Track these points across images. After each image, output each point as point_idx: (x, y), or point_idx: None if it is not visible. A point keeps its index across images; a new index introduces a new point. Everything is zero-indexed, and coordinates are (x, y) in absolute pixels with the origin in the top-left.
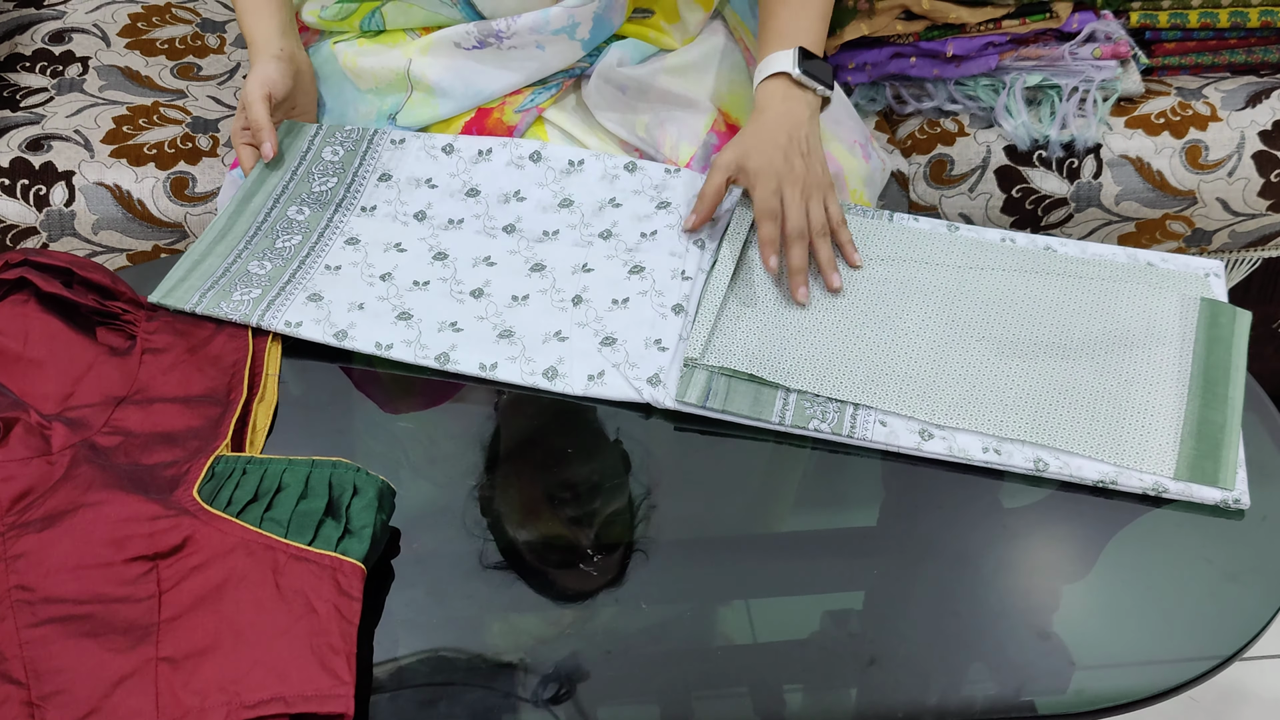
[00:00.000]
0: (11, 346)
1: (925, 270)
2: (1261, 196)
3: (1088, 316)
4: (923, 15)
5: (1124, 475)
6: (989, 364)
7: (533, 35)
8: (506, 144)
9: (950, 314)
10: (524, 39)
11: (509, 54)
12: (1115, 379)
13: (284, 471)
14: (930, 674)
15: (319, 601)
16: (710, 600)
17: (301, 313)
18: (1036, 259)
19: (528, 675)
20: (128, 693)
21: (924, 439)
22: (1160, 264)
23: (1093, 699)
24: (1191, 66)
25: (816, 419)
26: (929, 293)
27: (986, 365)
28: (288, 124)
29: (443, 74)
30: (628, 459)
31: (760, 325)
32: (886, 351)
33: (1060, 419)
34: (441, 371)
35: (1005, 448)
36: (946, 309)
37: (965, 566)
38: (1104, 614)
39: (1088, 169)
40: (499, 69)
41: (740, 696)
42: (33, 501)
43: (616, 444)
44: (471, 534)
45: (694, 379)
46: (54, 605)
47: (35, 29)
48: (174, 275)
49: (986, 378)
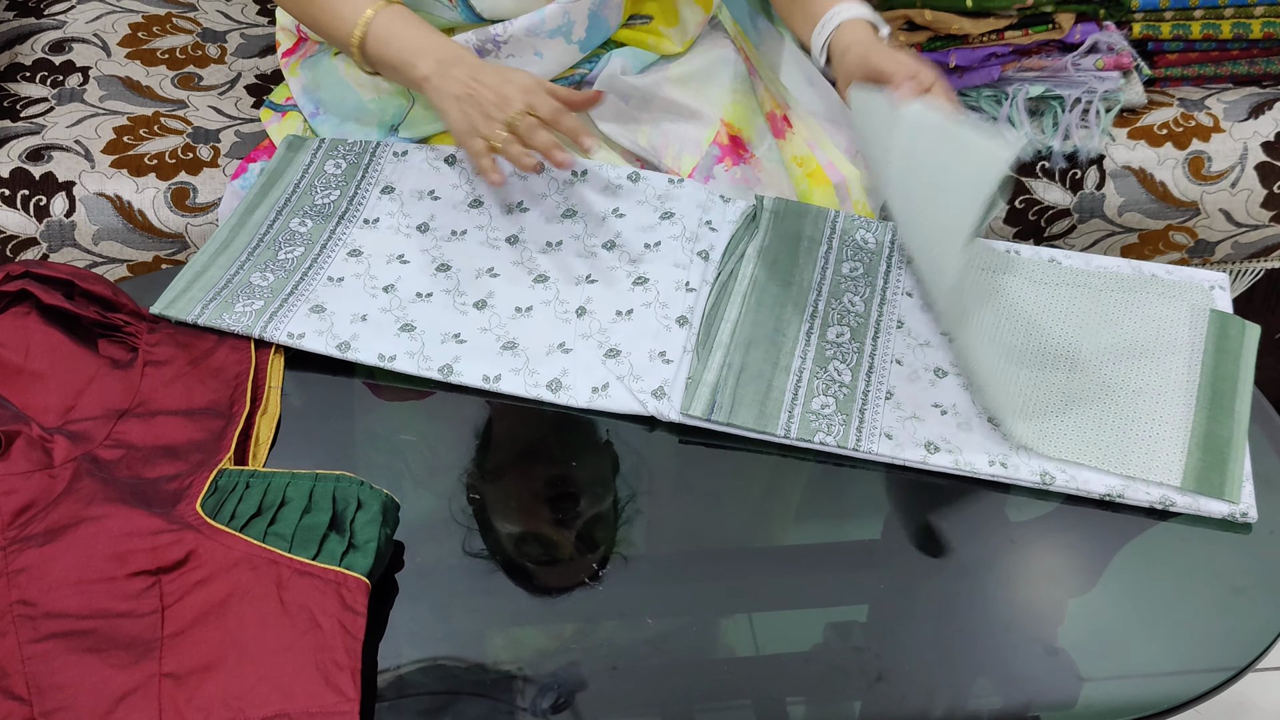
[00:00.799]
0: (13, 359)
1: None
2: (1264, 208)
3: (1096, 326)
4: (925, 26)
5: (1131, 489)
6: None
7: (529, 39)
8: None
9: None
10: (521, 44)
11: (507, 63)
12: (1123, 390)
13: (287, 485)
14: (935, 687)
15: (323, 617)
16: (713, 613)
17: (304, 324)
18: (1042, 269)
19: (530, 688)
20: (131, 709)
21: (930, 452)
22: (1165, 276)
23: (1100, 713)
24: (1194, 77)
25: (822, 432)
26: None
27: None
28: (289, 138)
29: None
30: (631, 471)
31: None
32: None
33: (1067, 430)
34: (444, 383)
35: (1011, 461)
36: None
37: (970, 579)
38: (1111, 628)
39: (1091, 180)
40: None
41: (743, 709)
42: (34, 515)
43: (619, 456)
44: (474, 547)
45: (699, 391)
46: (56, 620)
47: (35, 39)
48: (176, 286)
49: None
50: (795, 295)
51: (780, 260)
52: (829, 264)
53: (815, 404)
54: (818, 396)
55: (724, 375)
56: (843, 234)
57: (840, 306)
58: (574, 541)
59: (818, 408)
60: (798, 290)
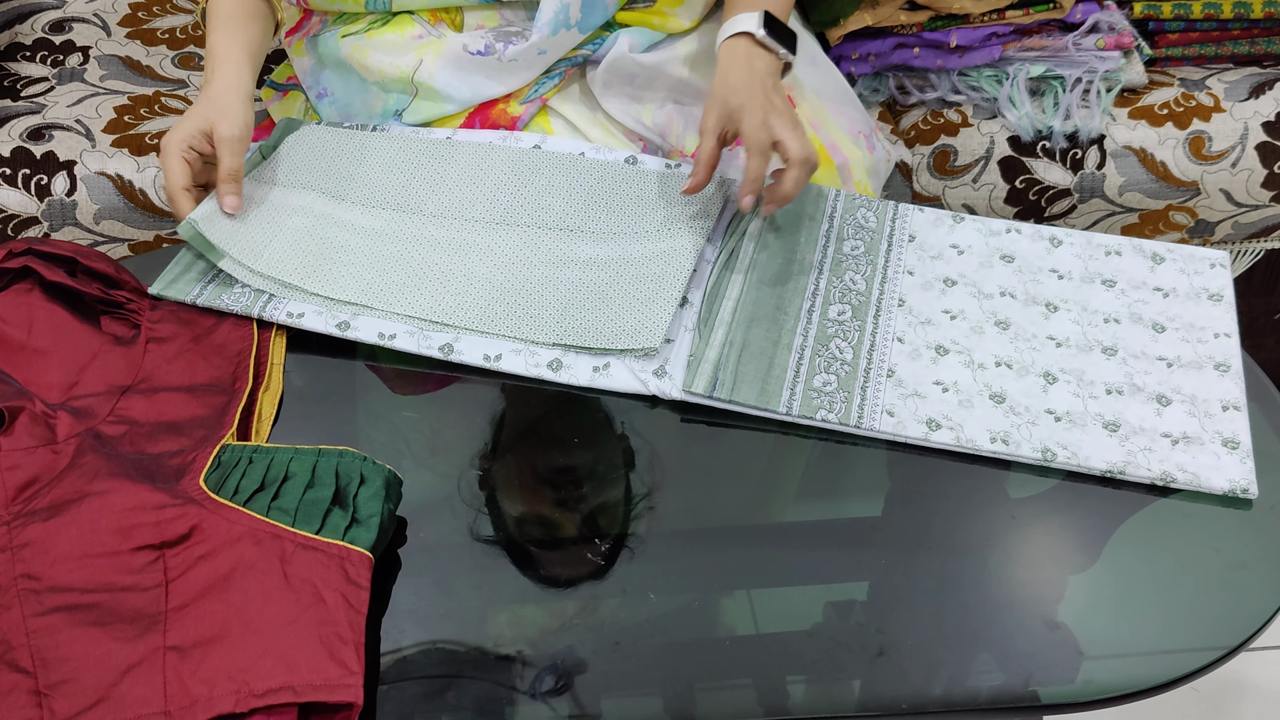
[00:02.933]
0: (16, 336)
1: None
2: (1265, 188)
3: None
4: (926, 5)
5: (1131, 466)
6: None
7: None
8: (506, 138)
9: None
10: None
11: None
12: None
13: (290, 460)
14: (936, 664)
15: (327, 591)
16: (714, 591)
17: (303, 304)
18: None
19: (532, 665)
20: (135, 681)
21: (931, 429)
22: (1166, 255)
23: (1100, 689)
24: (1195, 57)
25: (824, 409)
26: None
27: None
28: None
29: (449, 80)
30: (632, 448)
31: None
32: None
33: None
34: (445, 362)
35: (1013, 438)
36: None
37: (971, 556)
38: (1111, 604)
39: (1091, 160)
40: (504, 73)
41: (744, 688)
42: (38, 490)
43: (621, 433)
44: (477, 523)
45: (700, 369)
46: (60, 594)
47: (35, 18)
48: (175, 267)
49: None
50: (797, 273)
51: (782, 239)
52: (830, 242)
53: (817, 381)
54: (819, 374)
55: (726, 353)
56: (843, 213)
57: (842, 285)
58: (576, 519)
59: (819, 385)
60: (799, 268)
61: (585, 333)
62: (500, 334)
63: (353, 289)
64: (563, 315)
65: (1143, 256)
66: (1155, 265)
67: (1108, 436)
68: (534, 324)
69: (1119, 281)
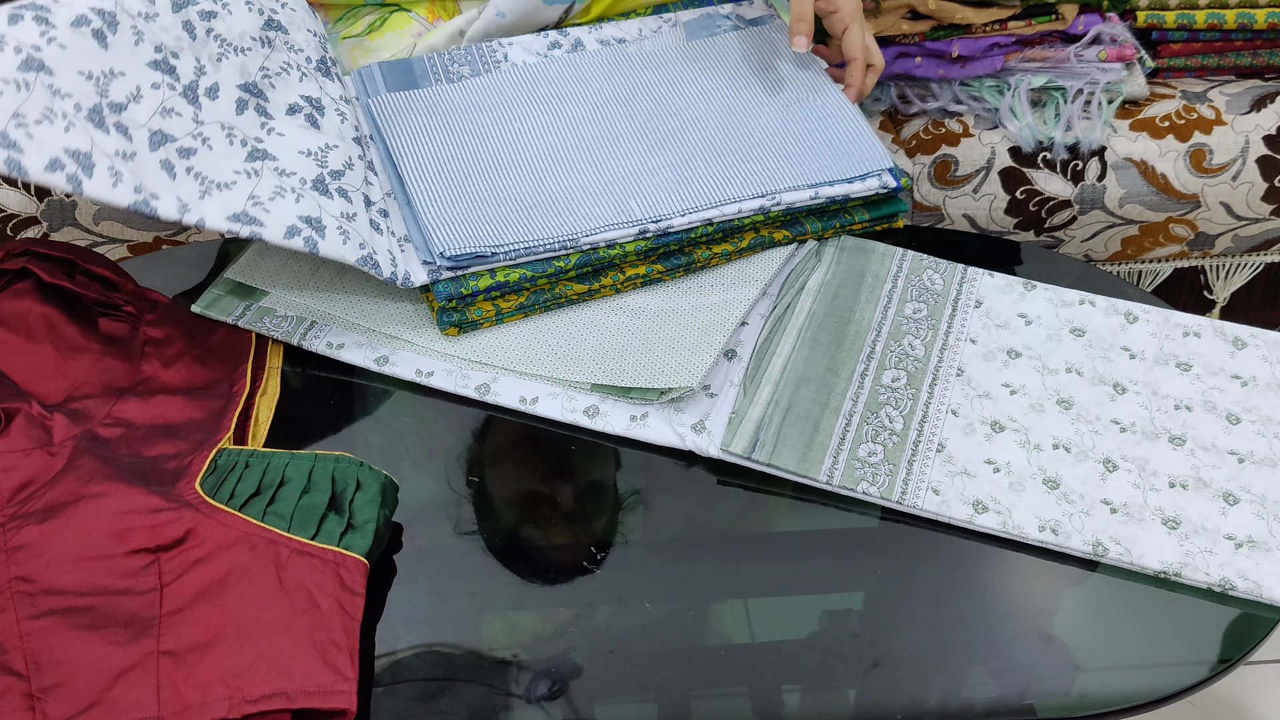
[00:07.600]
0: (13, 337)
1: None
2: (1265, 201)
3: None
4: (928, 15)
5: (1188, 569)
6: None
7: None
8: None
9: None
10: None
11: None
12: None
13: (287, 465)
14: (931, 675)
15: (322, 596)
16: (710, 599)
17: (344, 335)
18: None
19: (527, 671)
20: (129, 685)
21: (977, 511)
22: (1249, 339)
23: (1096, 702)
24: (1197, 69)
25: (866, 481)
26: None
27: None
28: None
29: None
30: (629, 456)
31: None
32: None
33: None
34: (480, 402)
35: (1063, 528)
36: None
37: (967, 567)
38: (1107, 617)
39: (1092, 171)
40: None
41: (739, 696)
42: (34, 493)
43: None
44: (473, 530)
45: (742, 428)
46: (55, 597)
47: None
48: (219, 287)
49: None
50: (853, 334)
51: (841, 297)
52: (892, 304)
53: (862, 451)
54: (865, 443)
55: (770, 413)
56: (909, 273)
57: (899, 349)
58: (572, 526)
59: (864, 455)
60: (856, 329)
61: (622, 373)
62: (537, 374)
63: (393, 321)
64: (602, 357)
65: (1224, 340)
66: (1236, 350)
67: (1166, 534)
68: (571, 364)
69: (1195, 365)
